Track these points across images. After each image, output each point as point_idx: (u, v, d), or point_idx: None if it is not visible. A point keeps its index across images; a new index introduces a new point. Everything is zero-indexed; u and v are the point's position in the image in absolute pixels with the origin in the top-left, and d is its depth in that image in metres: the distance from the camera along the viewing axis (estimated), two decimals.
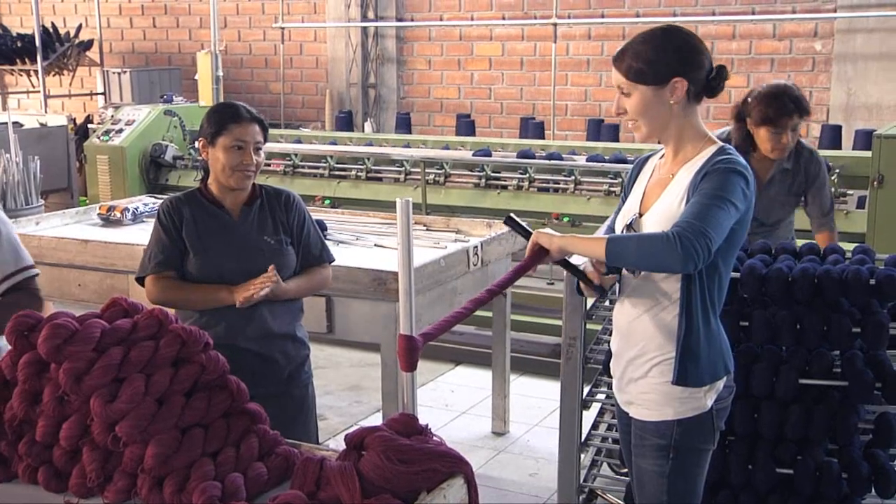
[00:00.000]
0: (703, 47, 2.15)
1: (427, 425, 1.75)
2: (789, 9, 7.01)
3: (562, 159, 5.60)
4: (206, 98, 7.27)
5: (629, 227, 2.20)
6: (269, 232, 2.77)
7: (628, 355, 2.22)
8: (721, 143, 2.16)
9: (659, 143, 2.24)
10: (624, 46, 2.16)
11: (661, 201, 2.16)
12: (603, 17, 7.62)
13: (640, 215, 2.19)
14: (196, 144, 2.83)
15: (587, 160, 5.53)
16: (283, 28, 8.25)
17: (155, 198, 4.93)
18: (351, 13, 8.55)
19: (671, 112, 2.12)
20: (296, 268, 2.81)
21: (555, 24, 7.03)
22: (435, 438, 1.74)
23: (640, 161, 2.34)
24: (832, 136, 5.98)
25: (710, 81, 2.14)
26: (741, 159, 2.11)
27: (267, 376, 2.75)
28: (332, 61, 8.79)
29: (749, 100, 3.39)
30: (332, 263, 2.94)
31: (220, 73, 7.26)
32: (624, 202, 2.32)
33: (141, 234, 4.31)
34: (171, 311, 1.87)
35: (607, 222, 2.42)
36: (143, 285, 2.78)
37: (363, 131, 7.93)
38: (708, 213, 1.98)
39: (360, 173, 6.19)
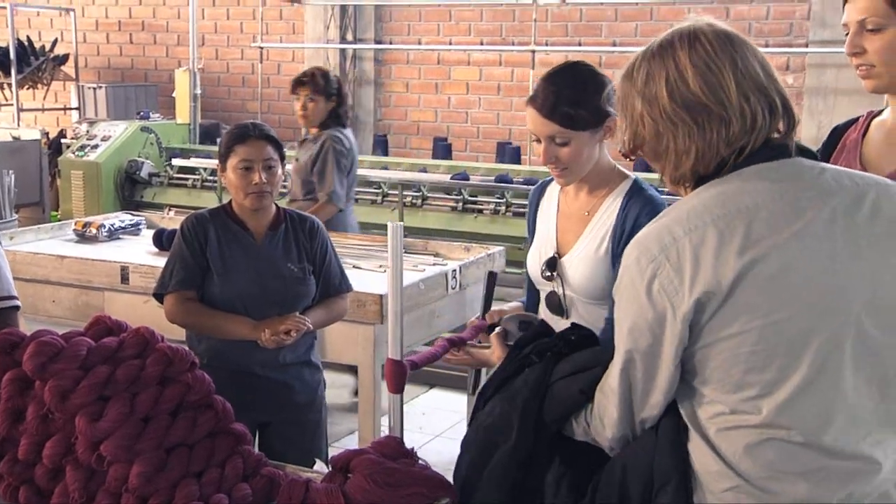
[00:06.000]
0: None
1: (413, 448, 1.76)
2: (762, 42, 7.13)
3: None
4: (184, 115, 7.26)
5: (550, 267, 2.16)
6: (293, 259, 2.74)
7: None
8: (633, 177, 2.15)
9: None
10: (545, 92, 2.04)
11: (582, 244, 2.13)
12: (580, 45, 7.71)
13: (560, 256, 2.15)
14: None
15: None
16: (261, 48, 8.26)
17: (132, 214, 4.90)
18: (330, 34, 8.58)
19: (596, 152, 2.10)
20: (315, 296, 2.80)
21: (533, 51, 7.11)
22: (421, 462, 1.75)
23: (539, 189, 2.28)
24: None
25: None
26: (657, 196, 2.12)
27: (285, 403, 2.75)
28: None
29: None
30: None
31: (199, 91, 7.25)
32: (532, 234, 2.28)
33: (117, 251, 4.28)
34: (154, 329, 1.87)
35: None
36: (160, 301, 2.74)
37: None
38: None
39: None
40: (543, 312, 2.21)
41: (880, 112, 2.00)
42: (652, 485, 1.43)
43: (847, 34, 1.88)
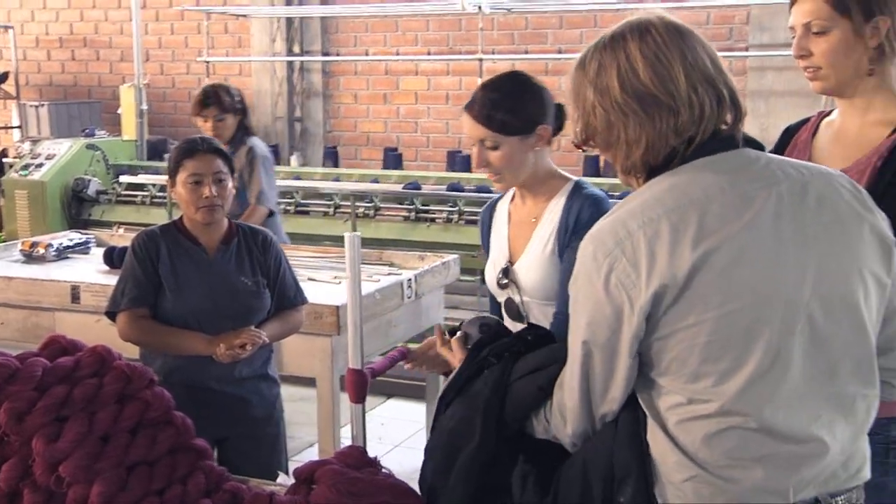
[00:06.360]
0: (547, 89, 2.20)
1: (377, 458, 1.77)
2: None
3: (490, 192, 5.68)
4: (130, 132, 7.16)
5: (504, 275, 2.22)
6: (247, 273, 2.73)
7: None
8: (574, 179, 2.21)
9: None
10: (481, 99, 2.14)
11: (531, 248, 2.19)
12: (527, 52, 7.78)
13: (512, 263, 2.22)
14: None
15: None
16: (207, 62, 8.19)
17: (81, 233, 4.82)
18: (276, 47, 8.55)
19: (532, 158, 2.15)
20: (270, 309, 2.79)
21: (480, 60, 7.16)
22: (384, 471, 1.75)
23: (488, 208, 2.36)
24: None
25: (557, 121, 2.19)
26: (599, 192, 2.18)
27: (242, 417, 2.73)
28: (258, 95, 8.75)
29: None
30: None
31: (145, 107, 7.16)
32: (487, 252, 2.33)
33: (66, 271, 4.22)
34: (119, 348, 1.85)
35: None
36: (112, 319, 2.72)
37: (290, 165, 7.91)
38: None
39: (288, 207, 6.17)
40: (505, 321, 2.24)
41: (830, 112, 2.06)
42: (613, 479, 1.45)
43: (794, 37, 1.93)
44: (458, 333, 1.92)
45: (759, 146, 1.54)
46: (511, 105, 2.11)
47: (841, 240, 1.44)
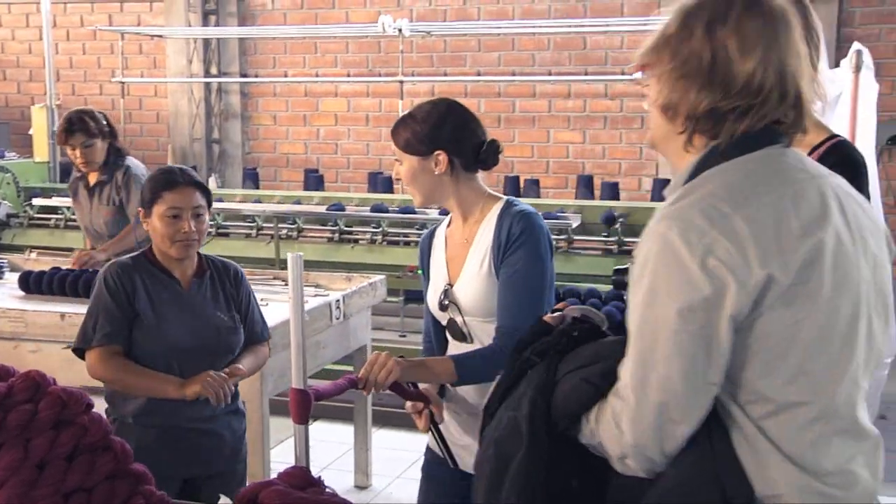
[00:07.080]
0: (473, 123, 2.24)
1: (320, 477, 1.77)
2: (618, 70, 7.48)
3: (414, 212, 5.72)
4: (42, 153, 6.99)
5: (445, 297, 2.28)
6: (223, 308, 2.65)
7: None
8: (505, 198, 2.27)
9: (440, 208, 2.34)
10: (402, 116, 2.28)
11: (467, 267, 2.25)
12: (446, 75, 7.88)
13: (451, 285, 2.28)
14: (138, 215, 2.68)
15: (439, 213, 5.67)
16: (122, 83, 8.04)
17: None
18: (193, 68, 8.46)
19: (440, 181, 2.22)
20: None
21: (400, 82, 7.22)
22: (328, 490, 1.75)
23: (427, 237, 2.42)
24: (662, 189, 6.39)
25: (479, 155, 2.23)
26: (529, 208, 2.25)
27: (217, 454, 2.66)
28: (175, 116, 8.64)
29: None
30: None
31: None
32: (427, 280, 2.39)
33: None
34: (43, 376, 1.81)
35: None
36: (80, 356, 2.58)
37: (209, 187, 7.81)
38: (528, 312, 2.03)
39: (209, 229, 6.08)
40: (450, 342, 2.28)
41: None
42: None
43: None
44: (560, 312, 1.71)
45: None
46: (413, 126, 2.21)
47: (876, 236, 1.48)
